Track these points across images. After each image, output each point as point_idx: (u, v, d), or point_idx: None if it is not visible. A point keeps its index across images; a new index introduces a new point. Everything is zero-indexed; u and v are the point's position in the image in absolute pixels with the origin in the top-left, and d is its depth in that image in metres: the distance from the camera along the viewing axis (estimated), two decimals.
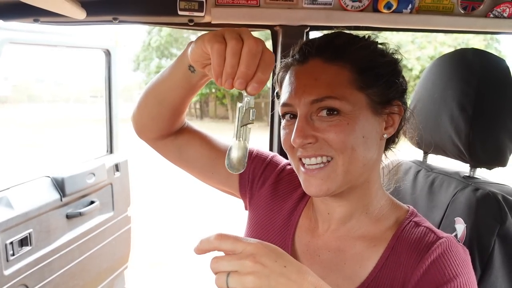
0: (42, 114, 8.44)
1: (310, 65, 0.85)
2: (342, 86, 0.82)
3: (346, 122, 0.81)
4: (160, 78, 0.92)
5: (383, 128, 0.87)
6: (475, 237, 1.02)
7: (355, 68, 0.83)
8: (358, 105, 0.83)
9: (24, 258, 2.13)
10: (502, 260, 1.01)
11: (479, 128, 1.07)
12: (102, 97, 2.98)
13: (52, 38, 2.38)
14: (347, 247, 0.91)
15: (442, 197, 1.16)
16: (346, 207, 0.91)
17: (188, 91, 0.90)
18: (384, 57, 0.88)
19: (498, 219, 1.01)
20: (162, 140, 1.03)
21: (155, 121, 0.98)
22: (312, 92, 0.82)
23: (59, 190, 2.36)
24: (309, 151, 0.83)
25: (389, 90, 0.86)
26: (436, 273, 0.78)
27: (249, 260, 0.61)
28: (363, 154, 0.83)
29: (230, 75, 0.66)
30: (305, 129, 0.82)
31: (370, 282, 0.84)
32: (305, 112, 0.83)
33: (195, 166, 1.07)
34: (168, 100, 0.93)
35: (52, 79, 7.70)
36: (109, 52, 2.83)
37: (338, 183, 0.84)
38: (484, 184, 1.09)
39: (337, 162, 0.82)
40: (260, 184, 1.07)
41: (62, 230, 2.41)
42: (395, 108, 0.88)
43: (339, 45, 0.85)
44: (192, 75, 0.85)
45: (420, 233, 0.86)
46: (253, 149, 1.10)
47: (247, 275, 0.61)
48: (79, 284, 2.56)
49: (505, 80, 1.09)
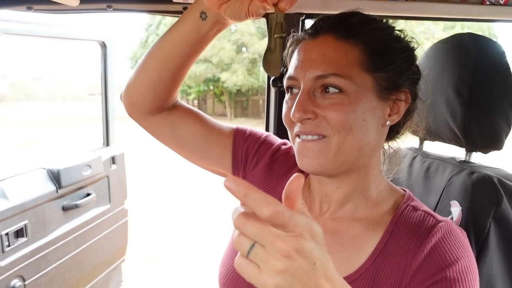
0: (39, 112, 8.43)
1: (321, 40, 0.84)
2: (349, 65, 0.81)
3: (348, 102, 0.80)
4: (165, 35, 0.90)
5: (387, 114, 0.86)
6: (470, 220, 1.02)
7: (366, 49, 0.82)
8: (363, 87, 0.81)
9: (20, 249, 2.12)
10: (498, 242, 1.01)
11: (475, 112, 1.06)
12: (99, 96, 2.97)
13: (47, 29, 2.37)
14: (344, 229, 0.90)
15: (437, 181, 1.15)
16: (344, 189, 0.90)
17: (196, 45, 0.89)
18: (399, 43, 0.87)
19: (494, 201, 1.01)
20: (155, 115, 1.01)
21: (153, 88, 0.95)
22: (318, 67, 0.81)
23: (55, 182, 2.36)
24: (307, 127, 0.82)
25: (399, 77, 0.85)
26: (438, 257, 0.78)
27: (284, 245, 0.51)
28: (360, 137, 0.82)
29: None
30: (306, 104, 0.81)
31: (369, 266, 0.84)
32: (308, 86, 0.82)
33: (189, 143, 1.04)
34: (172, 59, 0.91)
35: (49, 77, 7.69)
36: (105, 44, 2.82)
37: (329, 161, 0.82)
38: (480, 168, 1.09)
39: (330, 140, 0.82)
40: (254, 164, 1.05)
41: (58, 222, 2.40)
42: (402, 95, 0.86)
43: (353, 24, 0.84)
44: (203, 24, 0.84)
45: (419, 218, 0.86)
46: (246, 128, 1.08)
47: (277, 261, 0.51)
48: (76, 276, 2.56)
49: (501, 63, 1.08)
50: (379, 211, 0.90)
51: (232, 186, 0.52)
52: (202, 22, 0.83)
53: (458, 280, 0.75)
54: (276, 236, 0.51)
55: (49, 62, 4.13)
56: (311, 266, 0.54)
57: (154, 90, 0.95)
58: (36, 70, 6.26)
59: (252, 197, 0.51)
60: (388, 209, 0.90)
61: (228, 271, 0.98)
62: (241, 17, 0.78)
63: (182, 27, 0.87)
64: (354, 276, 0.84)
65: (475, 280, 0.78)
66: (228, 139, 1.05)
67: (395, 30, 0.88)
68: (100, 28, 2.78)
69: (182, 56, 0.91)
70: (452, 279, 0.75)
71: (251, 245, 0.52)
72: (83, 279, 2.65)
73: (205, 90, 23.70)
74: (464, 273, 0.77)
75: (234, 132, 1.06)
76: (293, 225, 0.52)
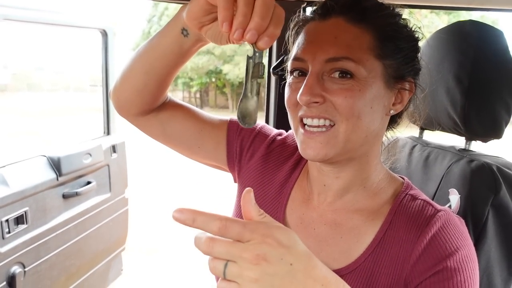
0: (41, 103, 8.42)
1: (332, 22, 0.81)
2: (361, 50, 0.78)
3: (358, 88, 0.78)
4: (148, 46, 0.87)
5: (391, 103, 0.85)
6: (469, 208, 1.02)
7: (378, 35, 0.80)
8: (373, 73, 0.79)
9: (20, 236, 2.13)
10: (496, 229, 1.01)
11: (475, 99, 1.06)
12: (101, 87, 2.96)
13: (47, 15, 2.36)
14: (343, 220, 0.89)
15: (436, 169, 1.15)
16: (344, 179, 0.89)
17: (178, 58, 0.86)
18: (407, 31, 0.85)
19: (492, 189, 1.00)
20: (145, 115, 0.99)
21: (139, 94, 0.93)
22: (330, 50, 0.78)
23: (55, 170, 2.36)
24: (313, 111, 0.79)
25: (405, 66, 0.84)
26: (438, 247, 0.78)
27: (249, 254, 0.53)
28: (367, 125, 0.80)
29: (241, 25, 0.61)
30: (315, 87, 0.78)
31: (368, 256, 0.83)
32: (317, 69, 0.79)
33: (181, 140, 1.03)
34: (156, 69, 0.88)
35: (51, 68, 7.67)
36: (106, 32, 2.80)
37: (337, 150, 0.81)
38: (479, 156, 1.08)
39: (338, 129, 0.79)
40: (249, 156, 1.04)
41: (58, 209, 2.41)
42: (406, 84, 0.85)
43: (365, 8, 0.81)
44: (185, 40, 0.81)
45: (417, 207, 0.85)
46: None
47: (249, 271, 0.53)
48: (76, 264, 2.57)
49: (502, 51, 1.07)
50: (379, 201, 0.89)
51: (180, 216, 0.56)
52: (184, 38, 0.80)
53: (458, 269, 0.76)
54: (242, 248, 0.54)
55: (52, 53, 4.13)
56: (288, 267, 0.55)
57: (141, 96, 0.93)
58: (38, 61, 6.23)
59: (199, 220, 0.56)
60: (387, 199, 0.89)
61: None
62: (221, 42, 0.75)
63: (164, 41, 0.84)
64: (353, 266, 0.84)
65: (474, 269, 0.78)
66: (222, 132, 1.03)
67: (401, 18, 0.86)
68: (101, 16, 2.76)
69: (166, 67, 0.88)
70: (452, 269, 0.76)
71: (224, 265, 0.54)
72: (83, 267, 2.67)
73: (207, 82, 23.66)
74: (464, 262, 0.77)
75: (228, 125, 1.04)
76: (250, 233, 0.54)
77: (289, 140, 1.04)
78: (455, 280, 0.75)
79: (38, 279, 2.26)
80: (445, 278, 0.75)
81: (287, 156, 1.02)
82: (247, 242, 0.54)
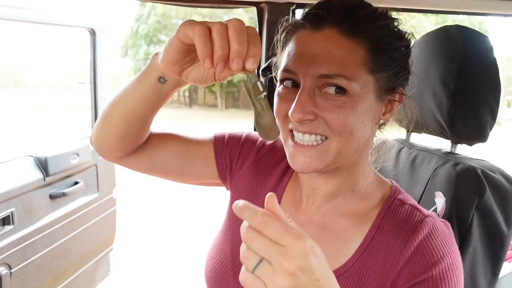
0: (29, 100, 8.31)
1: (325, 34, 0.78)
2: (354, 65, 0.76)
3: (351, 105, 0.76)
4: (125, 95, 0.86)
5: (381, 113, 0.84)
6: (454, 211, 1.04)
7: (371, 48, 0.78)
8: (366, 89, 0.78)
9: (6, 237, 2.10)
10: (480, 232, 1.03)
11: (461, 104, 1.07)
12: (89, 84, 2.94)
13: (35, 14, 2.33)
14: (332, 223, 0.90)
15: (423, 172, 1.17)
16: (333, 184, 0.89)
17: (158, 102, 0.85)
18: (401, 41, 0.83)
19: (477, 192, 1.02)
20: (130, 156, 0.98)
21: (122, 140, 0.92)
22: (323, 65, 0.76)
23: (42, 170, 2.34)
24: (305, 127, 0.78)
25: (397, 77, 0.82)
26: (424, 255, 0.79)
27: (289, 264, 0.53)
28: (358, 139, 0.80)
29: (222, 58, 0.62)
30: (307, 104, 0.76)
31: (355, 261, 0.84)
32: (309, 85, 0.77)
33: (171, 166, 1.02)
34: (136, 116, 0.87)
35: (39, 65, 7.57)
36: (94, 31, 2.78)
37: (327, 163, 0.80)
38: (464, 159, 1.10)
39: (330, 143, 0.79)
40: (240, 164, 1.04)
41: (45, 210, 2.38)
42: (397, 96, 0.85)
43: (359, 18, 0.78)
44: (163, 87, 0.80)
45: (405, 212, 0.86)
46: (224, 133, 1.06)
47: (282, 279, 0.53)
48: (63, 264, 2.55)
49: (488, 56, 1.09)
50: (367, 205, 0.89)
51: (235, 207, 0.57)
52: (162, 86, 0.80)
53: (443, 278, 0.77)
54: (283, 254, 0.53)
55: (39, 50, 4.08)
56: (315, 283, 0.55)
57: (123, 141, 0.92)
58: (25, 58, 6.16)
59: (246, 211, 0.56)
60: (376, 203, 0.89)
61: (215, 265, 0.98)
62: (207, 82, 0.75)
63: (142, 90, 0.82)
64: (341, 270, 0.84)
65: (459, 276, 0.80)
66: (208, 148, 1.03)
67: (395, 22, 0.84)
68: (89, 15, 2.74)
69: (146, 113, 0.87)
70: (437, 278, 0.77)
71: (258, 261, 0.54)
72: (70, 268, 2.65)
73: None
74: (450, 270, 0.78)
75: (214, 141, 1.04)
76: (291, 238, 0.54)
77: (278, 144, 1.05)
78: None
79: (24, 280, 2.24)
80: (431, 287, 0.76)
81: (278, 160, 1.03)
82: (287, 247, 0.54)
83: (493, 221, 1.04)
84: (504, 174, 1.09)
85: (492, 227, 1.04)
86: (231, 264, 0.95)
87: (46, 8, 2.42)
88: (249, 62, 0.63)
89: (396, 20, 0.84)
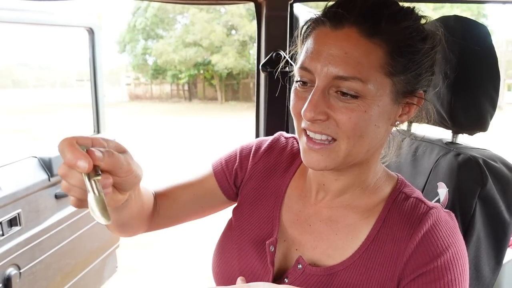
0: (27, 99, 8.31)
1: (344, 34, 0.76)
2: (371, 68, 0.75)
3: (364, 110, 0.75)
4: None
5: (397, 115, 0.83)
6: (457, 201, 1.05)
7: (390, 50, 0.76)
8: (381, 92, 0.76)
9: (14, 238, 2.12)
10: (483, 221, 1.04)
11: (461, 94, 1.08)
12: (88, 82, 2.94)
13: (34, 16, 2.33)
14: (339, 217, 0.91)
15: (425, 163, 1.18)
16: (344, 181, 0.90)
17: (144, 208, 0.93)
18: (424, 43, 0.80)
19: (479, 182, 1.03)
20: (149, 224, 1.03)
21: (134, 229, 0.99)
22: (339, 66, 0.74)
23: (46, 170, 2.35)
24: (316, 127, 0.79)
25: (417, 80, 0.80)
26: (429, 246, 0.80)
27: None
28: (369, 142, 0.80)
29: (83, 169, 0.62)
30: (319, 104, 0.76)
31: (362, 253, 0.85)
32: (323, 84, 0.76)
33: (186, 214, 1.07)
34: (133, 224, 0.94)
35: (37, 64, 7.57)
36: (92, 30, 2.78)
37: (337, 163, 0.81)
38: (466, 149, 1.11)
39: (339, 145, 0.79)
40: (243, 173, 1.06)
41: (51, 210, 2.40)
42: (415, 99, 0.83)
43: (381, 19, 0.75)
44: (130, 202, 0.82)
45: (410, 205, 0.87)
46: (220, 159, 1.07)
47: None
48: (71, 263, 2.57)
49: (487, 46, 1.09)
50: (375, 199, 0.90)
51: None
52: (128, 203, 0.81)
53: (448, 268, 0.78)
54: None
55: (37, 49, 4.09)
56: None
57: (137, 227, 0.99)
58: (23, 57, 6.16)
59: None
60: (383, 197, 0.90)
61: (221, 259, 0.99)
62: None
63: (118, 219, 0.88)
64: (348, 262, 0.85)
65: (465, 264, 0.81)
66: (211, 183, 1.05)
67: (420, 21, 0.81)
68: (87, 14, 2.74)
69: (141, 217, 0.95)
70: (443, 268, 0.78)
71: None
72: (78, 266, 2.67)
73: (196, 74, 23.52)
74: (455, 259, 0.79)
75: (214, 173, 1.05)
76: None
77: (275, 144, 1.06)
78: (446, 279, 0.78)
79: (33, 280, 2.26)
80: (436, 278, 0.78)
81: (278, 158, 1.04)
82: None
83: (496, 209, 1.05)
84: (505, 162, 1.10)
85: (495, 216, 1.06)
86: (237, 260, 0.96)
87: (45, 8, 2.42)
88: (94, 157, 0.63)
89: (424, 18, 0.82)
